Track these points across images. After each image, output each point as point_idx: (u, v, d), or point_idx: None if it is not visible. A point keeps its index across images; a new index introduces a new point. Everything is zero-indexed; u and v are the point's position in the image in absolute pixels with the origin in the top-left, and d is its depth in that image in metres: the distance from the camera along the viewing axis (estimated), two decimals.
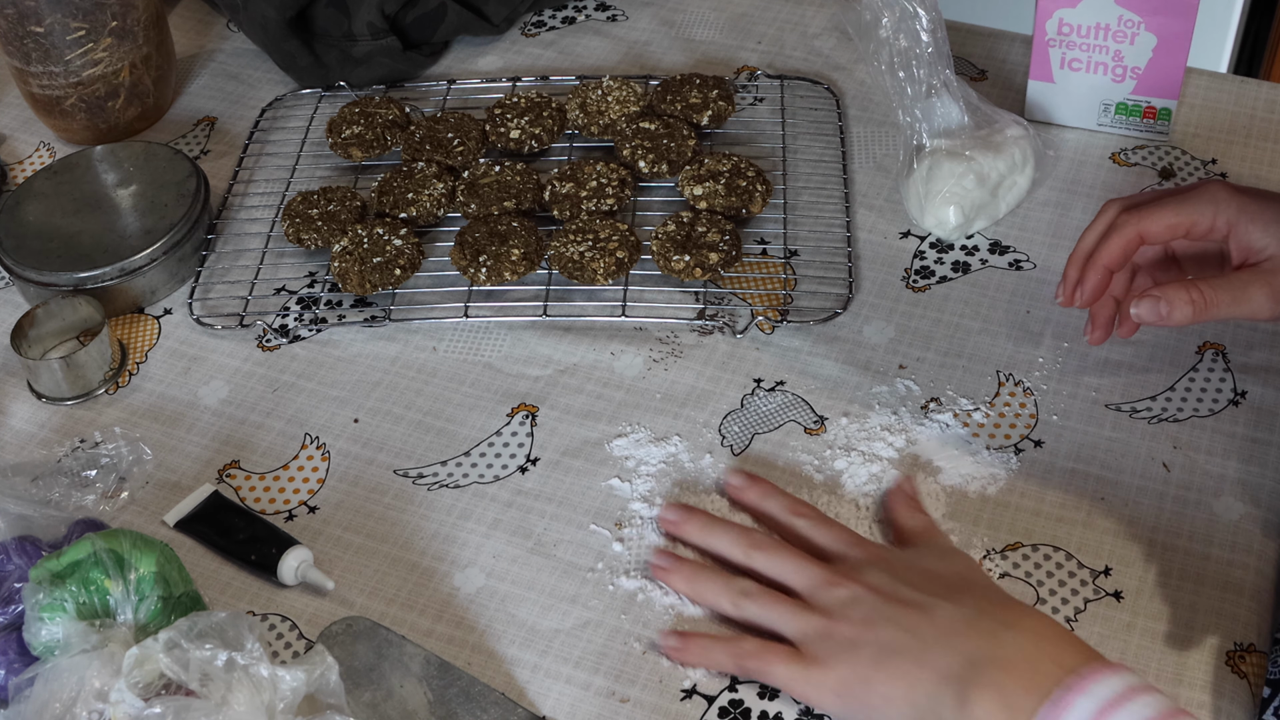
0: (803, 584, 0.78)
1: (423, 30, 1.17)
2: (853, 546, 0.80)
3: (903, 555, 0.80)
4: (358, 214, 1.04)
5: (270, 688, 0.71)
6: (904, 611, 0.74)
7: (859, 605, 0.75)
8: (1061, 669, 0.69)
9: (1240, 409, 0.90)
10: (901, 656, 0.73)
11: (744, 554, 0.81)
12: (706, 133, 1.10)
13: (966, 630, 0.72)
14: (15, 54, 1.10)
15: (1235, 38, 1.87)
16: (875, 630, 0.74)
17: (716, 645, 0.79)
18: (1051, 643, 0.71)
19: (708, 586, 0.81)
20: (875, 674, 0.73)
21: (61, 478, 0.90)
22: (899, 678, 0.72)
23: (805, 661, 0.76)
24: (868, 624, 0.74)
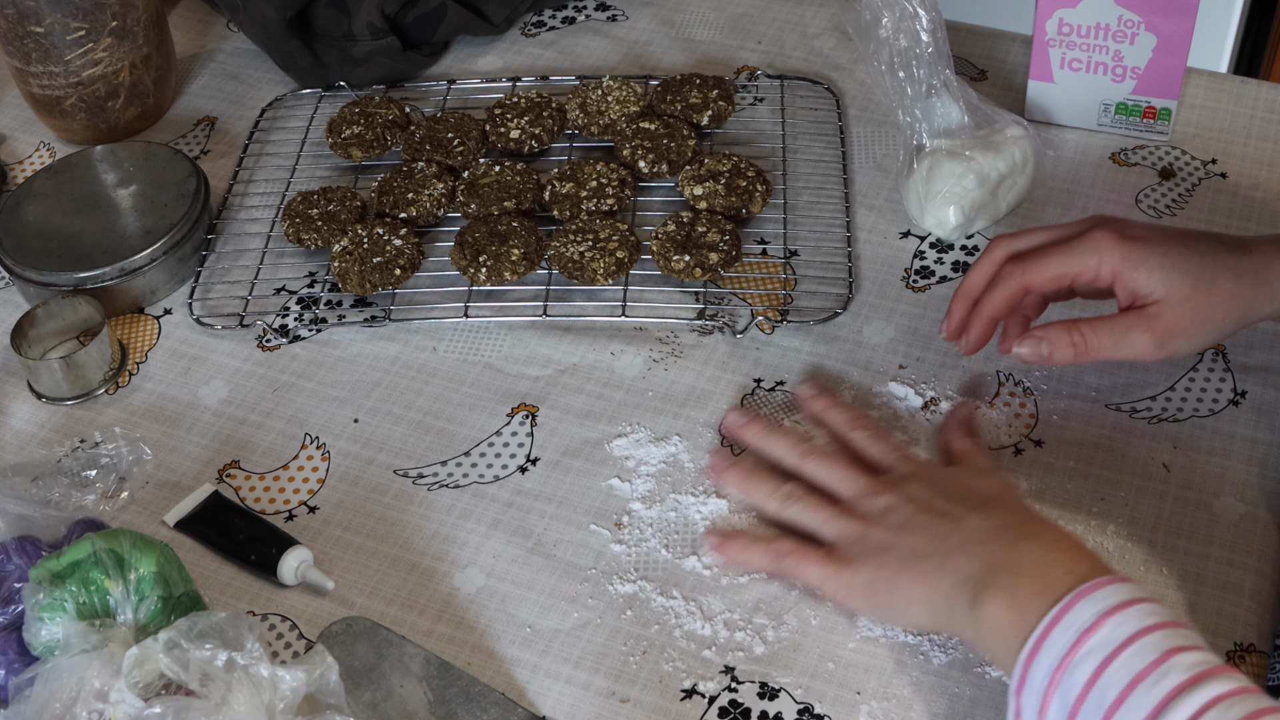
0: (848, 491, 0.82)
1: (423, 30, 1.17)
2: (901, 461, 0.84)
3: (945, 471, 0.83)
4: (358, 214, 1.04)
5: (270, 688, 0.71)
6: (935, 520, 0.78)
7: (895, 513, 0.79)
8: (1073, 576, 0.71)
9: (1240, 409, 0.90)
10: (926, 560, 0.76)
11: (797, 459, 0.85)
12: (706, 133, 1.10)
13: (989, 539, 0.75)
14: (15, 54, 1.10)
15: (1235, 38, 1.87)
16: (906, 535, 0.78)
17: (755, 544, 0.83)
18: (1066, 553, 0.73)
19: (758, 485, 0.85)
20: (900, 575, 0.77)
21: (61, 478, 0.90)
22: (921, 579, 0.76)
23: (838, 562, 0.79)
24: (900, 530, 0.78)
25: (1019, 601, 0.71)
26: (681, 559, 0.85)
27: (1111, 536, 0.84)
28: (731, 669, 0.79)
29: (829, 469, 0.84)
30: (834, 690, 0.78)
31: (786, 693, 0.78)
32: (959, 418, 0.89)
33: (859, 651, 0.80)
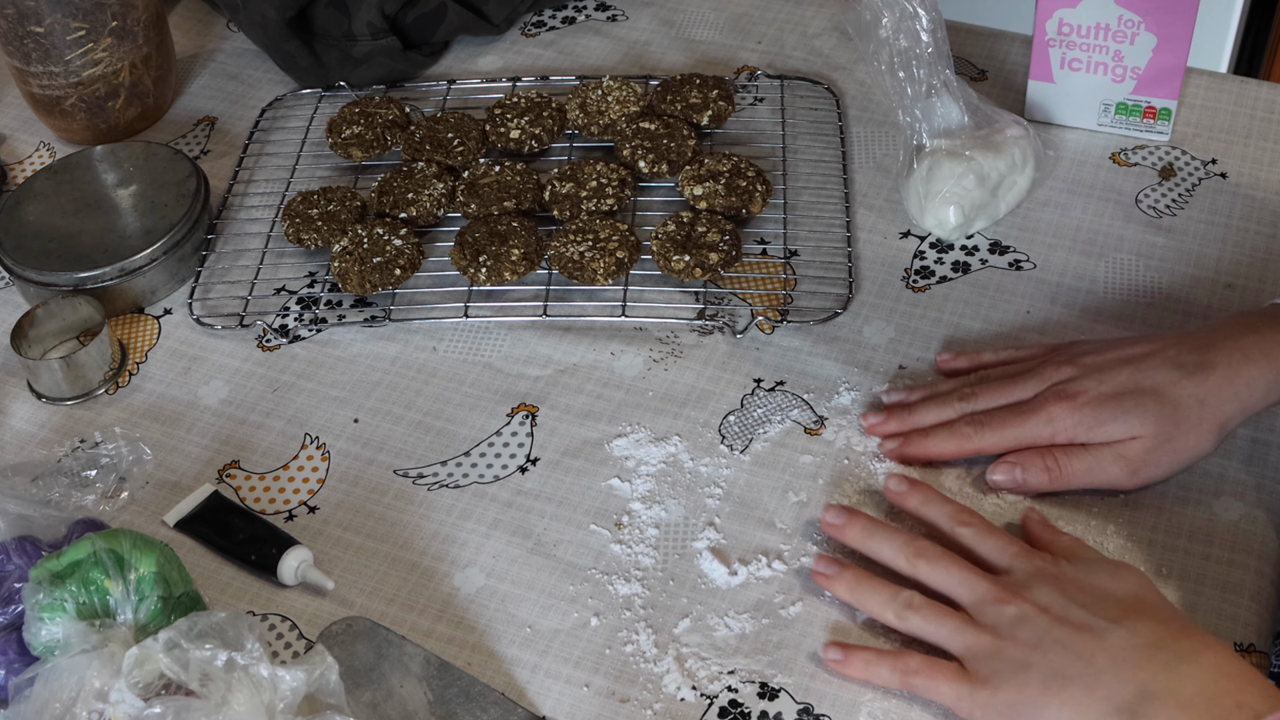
0: (969, 598, 0.76)
1: (423, 30, 1.17)
2: (1020, 558, 0.77)
3: (1070, 570, 0.76)
4: (358, 214, 1.04)
5: (270, 688, 0.71)
6: (1075, 635, 0.72)
7: (1028, 625, 0.73)
8: (1243, 711, 0.66)
9: None
10: (1073, 683, 0.71)
11: (908, 563, 0.79)
12: (706, 133, 1.10)
13: (1141, 660, 0.70)
14: (15, 54, 1.10)
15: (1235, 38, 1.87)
16: (1045, 653, 0.72)
17: (881, 659, 0.77)
18: (1233, 681, 0.68)
19: (872, 595, 0.79)
20: (1044, 699, 0.71)
21: (61, 478, 0.90)
22: (1068, 704, 0.70)
23: (972, 681, 0.74)
24: (1037, 646, 0.72)
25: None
26: (682, 559, 0.85)
27: (1111, 536, 0.84)
28: (732, 669, 0.79)
29: (944, 573, 0.78)
30: (834, 690, 0.78)
31: (786, 693, 0.78)
32: (1037, 519, 0.83)
33: None
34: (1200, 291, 0.97)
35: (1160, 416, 0.81)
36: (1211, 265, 0.98)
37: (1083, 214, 1.03)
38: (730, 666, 0.80)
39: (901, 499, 0.84)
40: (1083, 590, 0.75)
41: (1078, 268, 0.99)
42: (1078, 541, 0.81)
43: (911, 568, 0.79)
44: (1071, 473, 0.83)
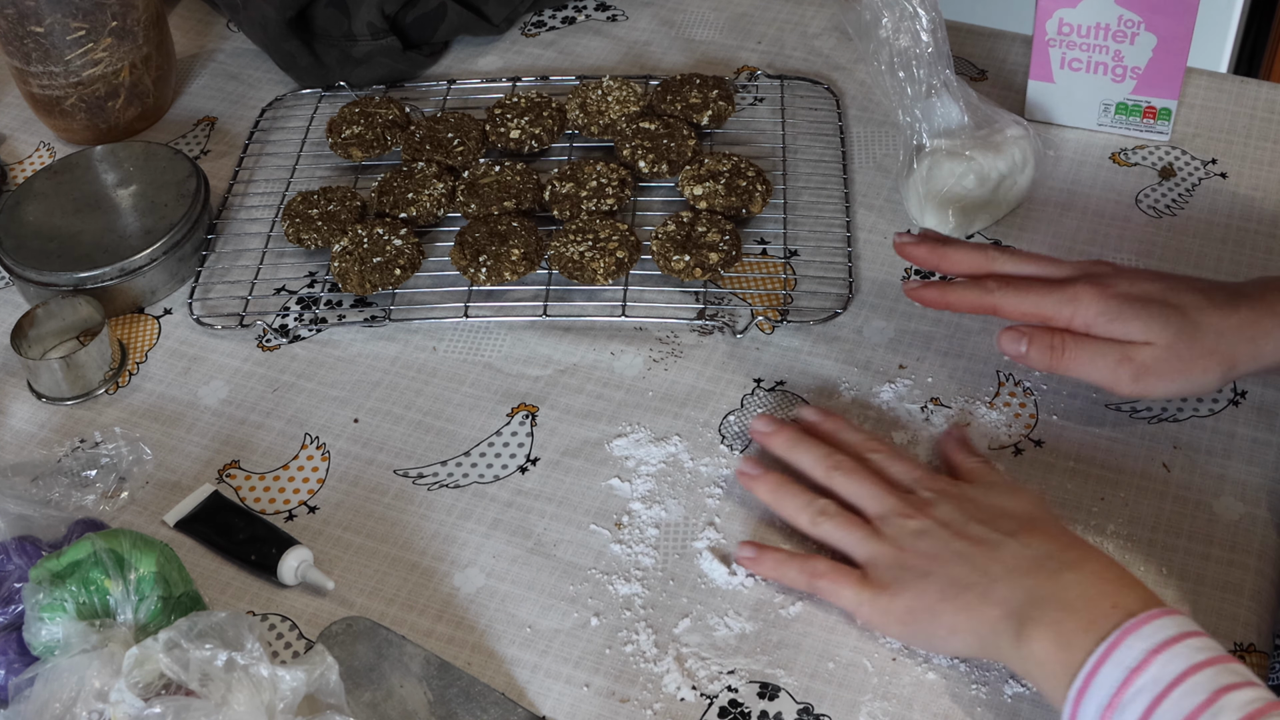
0: (877, 510, 0.81)
1: (423, 30, 1.17)
2: (924, 480, 0.82)
3: (971, 491, 0.81)
4: (358, 214, 1.04)
5: (270, 688, 0.71)
6: (973, 548, 0.77)
7: (929, 538, 0.78)
8: (1119, 611, 0.70)
9: (1240, 409, 0.90)
10: (968, 591, 0.75)
11: (825, 473, 0.84)
12: (706, 133, 1.10)
13: (1031, 569, 0.75)
14: (15, 54, 1.10)
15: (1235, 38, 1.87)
16: (944, 564, 0.77)
17: (791, 561, 0.82)
18: (1112, 585, 0.72)
19: (790, 500, 0.84)
20: (941, 605, 0.76)
21: (61, 478, 0.90)
22: (964, 610, 0.75)
23: (874, 587, 0.79)
24: (937, 557, 0.77)
25: (1065, 637, 0.71)
26: (682, 559, 0.85)
27: (1111, 536, 0.84)
28: (732, 669, 0.79)
29: (857, 485, 0.83)
30: (834, 690, 0.78)
31: (786, 693, 0.78)
32: (956, 436, 0.88)
33: (859, 651, 0.80)
34: None
35: (1179, 331, 0.82)
36: (1211, 265, 0.98)
37: (1083, 214, 1.03)
38: (730, 666, 0.80)
39: (815, 426, 0.88)
40: (981, 509, 0.79)
41: None
42: (985, 464, 0.85)
43: (827, 478, 0.84)
44: (1075, 359, 0.84)
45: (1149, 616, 0.70)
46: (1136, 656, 0.68)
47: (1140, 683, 0.67)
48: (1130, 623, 0.69)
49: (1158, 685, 0.67)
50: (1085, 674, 0.69)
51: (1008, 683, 0.78)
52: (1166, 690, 0.66)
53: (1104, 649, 0.69)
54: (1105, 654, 0.69)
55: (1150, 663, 0.67)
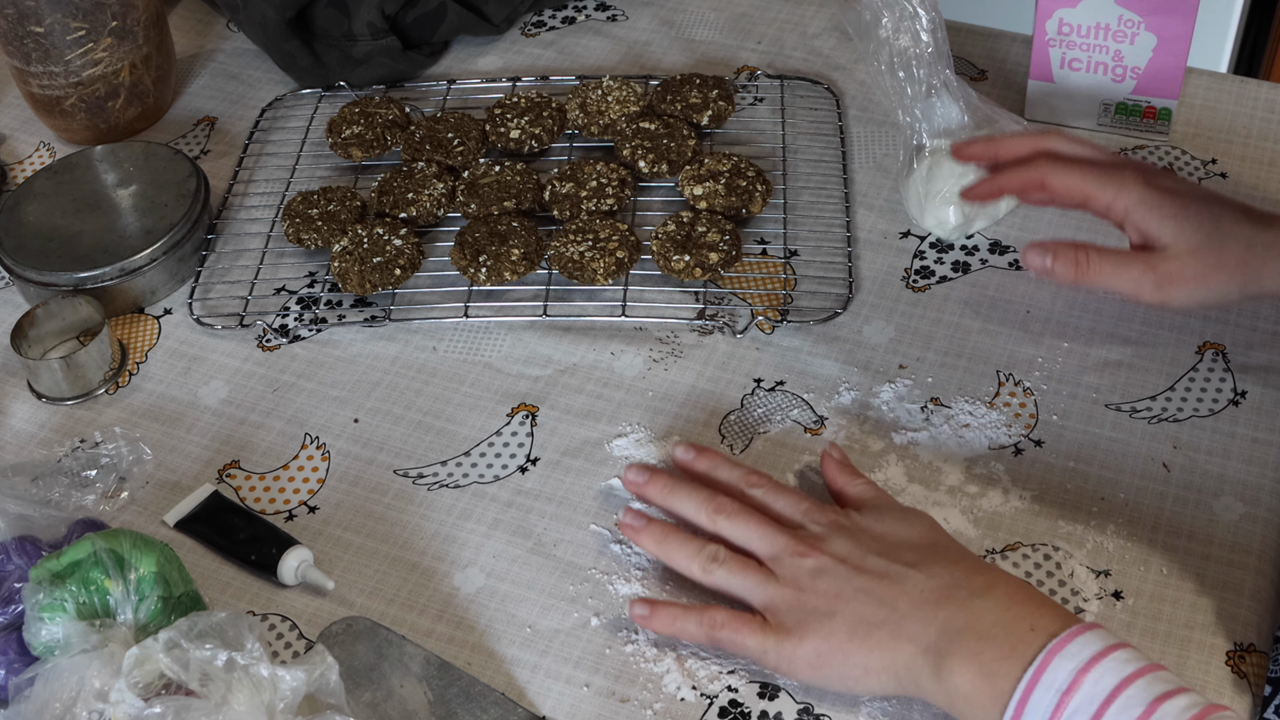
0: (768, 551, 0.79)
1: (423, 30, 1.17)
2: (812, 513, 0.80)
3: (863, 521, 0.79)
4: (358, 214, 1.04)
5: (270, 688, 0.71)
6: (876, 583, 0.75)
7: (828, 576, 0.76)
8: (1040, 633, 0.70)
9: (1240, 409, 0.90)
10: (879, 629, 0.74)
11: (709, 518, 0.81)
12: (706, 133, 1.10)
13: (940, 600, 0.73)
14: (15, 54, 1.10)
15: (1235, 38, 1.87)
16: (848, 602, 0.75)
17: (687, 615, 0.79)
18: (1027, 607, 0.71)
19: (677, 550, 0.81)
20: (851, 645, 0.74)
21: (61, 478, 0.90)
22: (877, 649, 0.74)
23: (777, 633, 0.76)
24: (839, 596, 0.75)
25: (988, 667, 0.70)
26: None
27: (1111, 536, 0.84)
28: (732, 669, 0.79)
29: (743, 527, 0.80)
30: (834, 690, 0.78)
31: (786, 693, 0.78)
32: (836, 459, 0.85)
33: None
34: None
35: (1209, 236, 0.84)
36: None
37: (1083, 214, 1.02)
38: (730, 666, 0.79)
39: (690, 465, 0.86)
40: (876, 539, 0.77)
41: None
42: (870, 485, 0.83)
43: (712, 523, 0.81)
44: (1099, 271, 0.86)
45: (1071, 635, 0.69)
46: (1066, 678, 0.67)
47: (1074, 704, 0.66)
48: (1053, 644, 0.69)
49: (1092, 704, 0.66)
50: (1016, 702, 0.68)
51: None
52: (1102, 708, 0.66)
53: (1031, 674, 0.68)
54: (1034, 679, 0.68)
55: (1081, 682, 0.67)
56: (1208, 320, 0.95)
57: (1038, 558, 0.83)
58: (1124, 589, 0.81)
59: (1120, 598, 0.81)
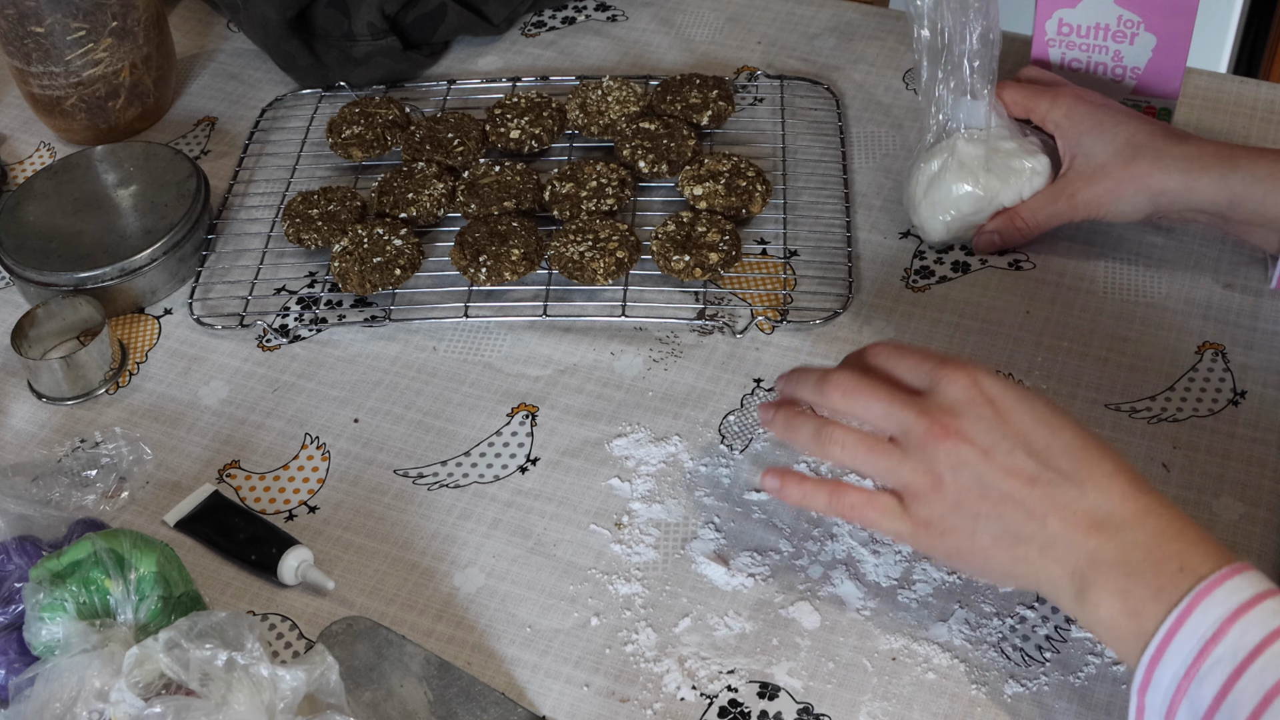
0: (896, 428, 0.74)
1: (423, 30, 1.17)
2: (941, 375, 0.74)
3: (1007, 398, 0.72)
4: (358, 214, 1.04)
5: (270, 687, 0.71)
6: (1025, 490, 0.71)
7: (968, 472, 0.72)
8: (1186, 575, 0.67)
9: (1240, 409, 0.90)
10: (1025, 544, 0.71)
11: (824, 397, 0.77)
12: (706, 133, 1.10)
13: (1091, 527, 0.70)
14: (15, 54, 1.10)
15: (1235, 38, 1.87)
16: (994, 507, 0.71)
17: (820, 489, 0.76)
18: (1177, 544, 0.68)
19: (800, 428, 0.77)
20: (996, 553, 0.72)
21: (62, 478, 0.90)
22: (1021, 562, 0.71)
23: (914, 523, 0.73)
24: (984, 498, 0.71)
25: (1133, 605, 0.68)
26: (682, 559, 0.85)
27: None
28: (732, 669, 0.79)
29: (863, 403, 0.75)
30: (834, 690, 0.78)
31: (787, 693, 0.78)
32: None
33: (859, 651, 0.80)
34: (1200, 291, 0.97)
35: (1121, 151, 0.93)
36: (1211, 265, 0.98)
37: None
38: (730, 666, 0.80)
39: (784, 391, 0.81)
40: (1023, 431, 0.72)
41: (1077, 268, 0.99)
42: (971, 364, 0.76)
43: (828, 402, 0.76)
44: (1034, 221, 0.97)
45: (1221, 578, 0.66)
46: (1212, 625, 0.65)
47: (1218, 653, 0.64)
48: (1201, 586, 0.66)
49: (1236, 657, 0.64)
50: (1158, 643, 0.66)
51: (1007, 682, 0.78)
52: (1246, 662, 0.64)
53: (1175, 618, 0.66)
54: (1178, 622, 0.66)
55: (1227, 632, 0.65)
56: (1208, 320, 0.95)
57: None
58: None
59: None
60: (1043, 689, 0.77)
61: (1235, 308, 0.96)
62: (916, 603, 0.82)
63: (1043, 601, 0.81)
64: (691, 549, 0.85)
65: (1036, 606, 0.81)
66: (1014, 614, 0.81)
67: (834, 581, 0.83)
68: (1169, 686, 0.66)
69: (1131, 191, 0.92)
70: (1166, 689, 0.66)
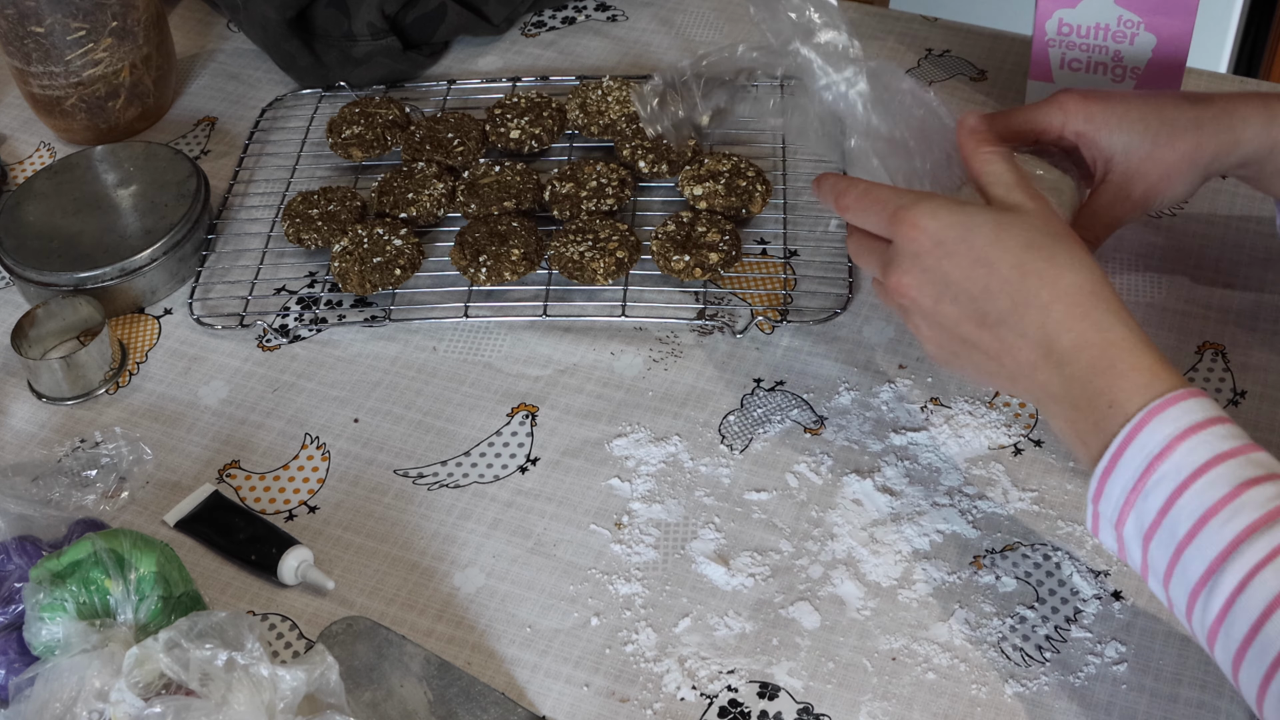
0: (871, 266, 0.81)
1: (423, 30, 1.17)
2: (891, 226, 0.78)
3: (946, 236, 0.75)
4: (358, 214, 1.04)
5: (270, 687, 0.71)
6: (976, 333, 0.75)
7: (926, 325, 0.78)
8: (1116, 412, 0.69)
9: (1240, 409, 0.90)
10: (996, 377, 0.76)
11: (832, 198, 0.82)
12: (706, 133, 1.10)
13: (1035, 364, 0.73)
14: (16, 54, 1.10)
15: (1235, 38, 1.87)
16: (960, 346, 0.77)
17: (839, 198, 0.81)
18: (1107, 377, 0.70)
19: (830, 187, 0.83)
20: (967, 371, 0.78)
21: (62, 478, 0.90)
22: (992, 382, 0.77)
23: (898, 310, 0.80)
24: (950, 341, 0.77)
25: (1081, 435, 0.71)
26: (681, 559, 0.85)
27: None
28: (732, 669, 0.79)
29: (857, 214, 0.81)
30: (834, 690, 0.78)
31: (787, 693, 0.78)
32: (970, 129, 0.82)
33: (859, 651, 0.80)
34: (1200, 291, 0.97)
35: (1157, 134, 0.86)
36: (1211, 265, 0.98)
37: None
38: (730, 666, 0.80)
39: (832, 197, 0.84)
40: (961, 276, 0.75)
41: None
42: (997, 163, 0.79)
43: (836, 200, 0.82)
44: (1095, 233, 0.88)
45: (1172, 399, 0.68)
46: (1160, 442, 0.67)
47: (1163, 470, 0.67)
48: (1154, 404, 0.68)
49: (1179, 474, 0.66)
50: (1109, 457, 0.69)
51: (1007, 682, 0.78)
52: (1188, 481, 0.66)
53: (1128, 430, 0.68)
54: (1129, 436, 0.68)
55: (1174, 450, 0.67)
56: (1208, 320, 0.95)
57: (1037, 558, 0.83)
58: (1123, 589, 0.81)
59: (1120, 598, 0.81)
60: (1043, 689, 0.77)
61: (1235, 308, 0.96)
62: (916, 603, 0.82)
63: (1042, 601, 0.81)
64: (691, 549, 0.85)
65: (1036, 607, 0.81)
66: (1014, 614, 0.81)
67: (834, 581, 0.83)
68: (1118, 498, 0.69)
69: (1186, 168, 0.87)
70: (1116, 500, 0.69)
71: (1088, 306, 0.72)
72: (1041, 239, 0.74)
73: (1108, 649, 0.79)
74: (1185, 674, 0.78)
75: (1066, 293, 0.73)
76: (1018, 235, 0.75)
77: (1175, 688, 0.77)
